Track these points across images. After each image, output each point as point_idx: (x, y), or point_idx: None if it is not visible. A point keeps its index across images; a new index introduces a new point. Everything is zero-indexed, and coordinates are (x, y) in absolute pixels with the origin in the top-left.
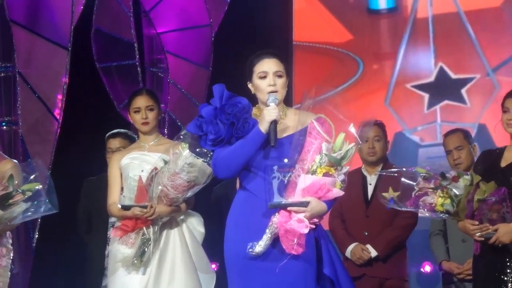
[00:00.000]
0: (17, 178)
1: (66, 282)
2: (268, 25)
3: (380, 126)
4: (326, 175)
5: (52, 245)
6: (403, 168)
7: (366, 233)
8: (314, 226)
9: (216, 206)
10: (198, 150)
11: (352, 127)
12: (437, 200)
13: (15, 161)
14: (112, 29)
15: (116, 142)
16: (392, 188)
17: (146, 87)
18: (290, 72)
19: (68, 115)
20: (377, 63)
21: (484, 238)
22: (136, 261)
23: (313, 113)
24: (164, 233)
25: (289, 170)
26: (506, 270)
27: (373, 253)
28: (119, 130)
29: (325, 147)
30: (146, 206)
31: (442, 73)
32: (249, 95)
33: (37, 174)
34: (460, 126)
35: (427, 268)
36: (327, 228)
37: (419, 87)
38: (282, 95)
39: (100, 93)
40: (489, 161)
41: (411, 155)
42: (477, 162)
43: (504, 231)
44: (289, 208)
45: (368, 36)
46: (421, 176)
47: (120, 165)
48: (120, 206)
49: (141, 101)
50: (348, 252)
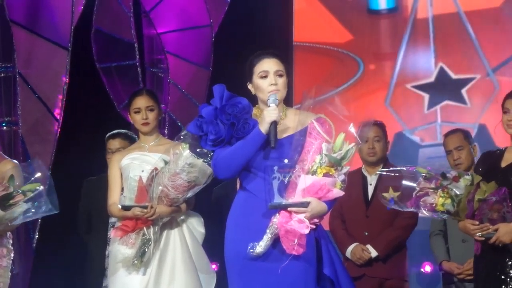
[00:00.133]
0: (18, 179)
1: (66, 282)
2: (268, 25)
3: (380, 126)
4: (326, 176)
5: (52, 245)
6: (403, 168)
7: (366, 233)
8: (315, 227)
9: (216, 207)
10: (199, 151)
11: (352, 127)
12: (438, 200)
13: (15, 162)
14: (112, 29)
15: (116, 143)
16: (392, 188)
17: (146, 88)
18: (290, 72)
19: (68, 115)
20: (377, 63)
21: (485, 238)
22: (137, 262)
23: (313, 113)
24: (165, 234)
25: (289, 171)
26: (507, 270)
27: (373, 253)
28: (119, 131)
29: (325, 147)
30: (147, 207)
31: (442, 73)
32: (249, 95)
33: (38, 175)
34: (460, 126)
35: (427, 268)
36: (327, 228)
37: (419, 87)
38: (283, 95)
39: (100, 93)
40: (490, 162)
41: (411, 156)
42: (478, 163)
43: (505, 231)
44: (290, 209)
45: (368, 36)
46: (422, 176)
47: (120, 166)
48: (121, 207)
49: (141, 102)
50: (348, 252)
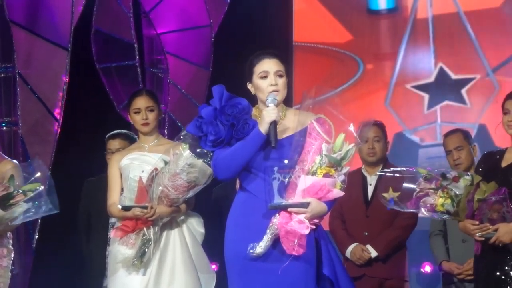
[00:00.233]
0: (18, 179)
1: (66, 282)
2: (268, 26)
3: (380, 127)
4: (326, 176)
5: (52, 245)
6: (403, 168)
7: (366, 234)
8: (315, 227)
9: (216, 207)
10: (199, 151)
11: (352, 128)
12: (438, 201)
13: (15, 162)
14: (112, 30)
15: (116, 143)
16: (392, 189)
17: (146, 88)
18: (290, 72)
19: (68, 116)
20: (377, 64)
21: (485, 238)
22: (137, 262)
23: (313, 114)
24: (164, 234)
25: (289, 171)
26: (507, 270)
27: (373, 254)
28: (119, 131)
29: (325, 148)
30: (147, 207)
31: (442, 74)
32: (249, 96)
33: (38, 174)
34: (460, 127)
35: (427, 268)
36: (327, 229)
37: (419, 88)
38: (283, 95)
39: (100, 94)
40: (490, 162)
41: (411, 156)
42: (479, 163)
43: (504, 231)
44: (290, 209)
45: (368, 37)
46: (422, 177)
47: (120, 166)
48: (121, 207)
49: (141, 102)
50: (348, 253)
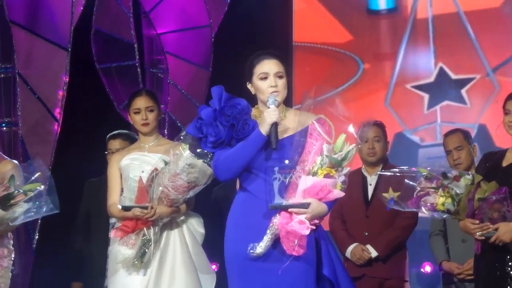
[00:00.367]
0: (18, 179)
1: (66, 283)
2: (268, 26)
3: (380, 127)
4: (327, 177)
5: (52, 245)
6: (404, 168)
7: (366, 234)
8: (315, 227)
9: (216, 207)
10: (199, 151)
11: (352, 128)
12: (438, 200)
13: (15, 162)
14: (112, 30)
15: (117, 143)
16: (393, 189)
17: (146, 88)
18: (290, 73)
19: (68, 116)
20: (377, 64)
21: (485, 237)
22: (137, 262)
23: (314, 114)
24: (165, 234)
25: (290, 171)
26: (507, 269)
27: (373, 254)
28: (120, 131)
29: (326, 148)
30: (147, 207)
31: (442, 74)
32: (249, 96)
33: (38, 174)
34: (460, 127)
35: (427, 268)
36: (327, 229)
37: (419, 88)
38: (283, 96)
39: (100, 94)
40: (491, 162)
41: (411, 156)
42: (480, 162)
43: (505, 230)
44: (290, 210)
45: (368, 37)
46: (423, 176)
47: (120, 166)
48: (121, 207)
49: (141, 102)
50: (348, 253)
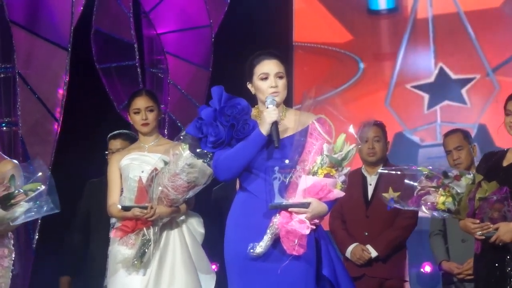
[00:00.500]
0: (18, 179)
1: None
2: (268, 25)
3: (380, 127)
4: (327, 176)
5: (52, 245)
6: (405, 167)
7: (366, 234)
8: (315, 227)
9: (216, 207)
10: (198, 151)
11: (352, 128)
12: (439, 199)
13: (16, 162)
14: (112, 30)
15: (117, 143)
16: (393, 188)
17: (146, 88)
18: (290, 73)
19: (68, 116)
20: (377, 64)
21: (485, 237)
22: (137, 262)
23: (314, 114)
24: (164, 234)
25: (290, 171)
26: (507, 269)
27: (373, 253)
28: (121, 131)
29: (326, 148)
30: (147, 207)
31: (442, 74)
32: (249, 96)
33: (39, 174)
34: (460, 126)
35: (427, 268)
36: (327, 229)
37: (419, 88)
38: (283, 96)
39: (100, 94)
40: (492, 161)
41: (411, 156)
42: (481, 162)
43: (505, 230)
44: (290, 209)
45: (368, 37)
46: (424, 175)
47: (120, 166)
48: (120, 207)
49: (141, 102)
50: (348, 253)
